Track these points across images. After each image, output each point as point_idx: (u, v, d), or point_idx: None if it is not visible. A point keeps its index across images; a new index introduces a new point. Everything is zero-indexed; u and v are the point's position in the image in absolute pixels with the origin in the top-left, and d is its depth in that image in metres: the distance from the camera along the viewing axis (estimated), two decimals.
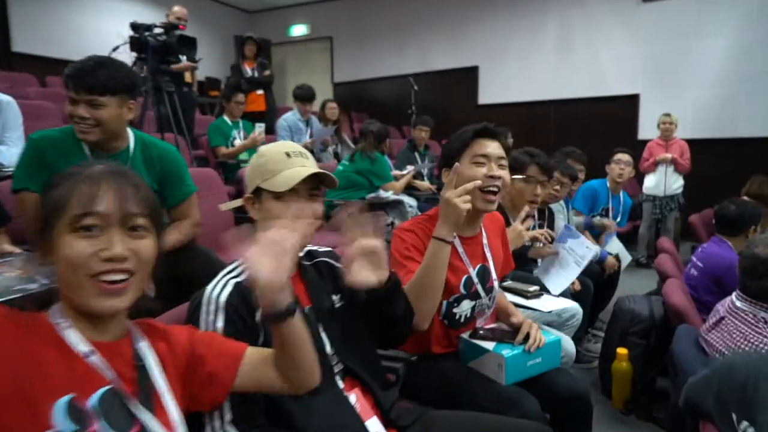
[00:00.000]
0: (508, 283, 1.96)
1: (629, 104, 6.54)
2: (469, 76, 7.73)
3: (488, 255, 1.55)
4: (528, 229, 2.04)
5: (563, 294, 2.30)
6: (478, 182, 1.36)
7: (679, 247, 5.29)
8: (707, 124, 5.88)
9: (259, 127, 3.88)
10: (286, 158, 1.11)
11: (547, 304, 1.81)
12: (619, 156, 3.84)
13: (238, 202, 1.22)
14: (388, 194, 3.40)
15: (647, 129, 6.32)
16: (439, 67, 7.98)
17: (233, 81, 4.06)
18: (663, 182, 4.92)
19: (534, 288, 1.91)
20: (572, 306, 2.00)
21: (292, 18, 9.51)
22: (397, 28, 8.30)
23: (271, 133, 4.73)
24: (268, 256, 0.81)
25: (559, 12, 6.97)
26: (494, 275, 1.56)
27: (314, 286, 1.16)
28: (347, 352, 1.14)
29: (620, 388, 2.37)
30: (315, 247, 1.26)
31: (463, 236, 1.50)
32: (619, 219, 3.61)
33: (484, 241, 1.57)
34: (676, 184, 4.95)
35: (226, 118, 4.26)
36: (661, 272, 2.49)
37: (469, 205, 1.30)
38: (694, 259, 2.63)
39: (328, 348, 1.11)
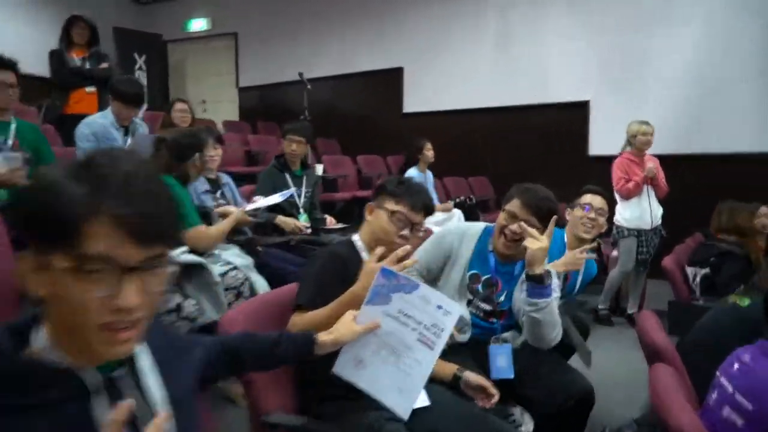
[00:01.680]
0: None
1: (578, 113, 5.46)
2: (392, 79, 6.50)
3: None
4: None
5: None
6: None
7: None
8: (671, 137, 4.80)
9: (8, 161, 2.28)
10: None
11: None
12: (589, 198, 2.39)
13: None
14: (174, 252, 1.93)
15: (599, 143, 5.29)
16: (358, 69, 6.70)
17: None
18: (648, 210, 3.67)
19: None
20: None
21: (190, 11, 8.17)
22: (311, 23, 7.03)
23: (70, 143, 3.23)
24: None
25: (498, 3, 5.84)
26: None
27: None
28: None
29: None
30: None
31: None
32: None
33: None
34: (659, 211, 3.74)
35: None
36: (662, 411, 1.17)
37: None
38: (728, 385, 1.35)
39: None
